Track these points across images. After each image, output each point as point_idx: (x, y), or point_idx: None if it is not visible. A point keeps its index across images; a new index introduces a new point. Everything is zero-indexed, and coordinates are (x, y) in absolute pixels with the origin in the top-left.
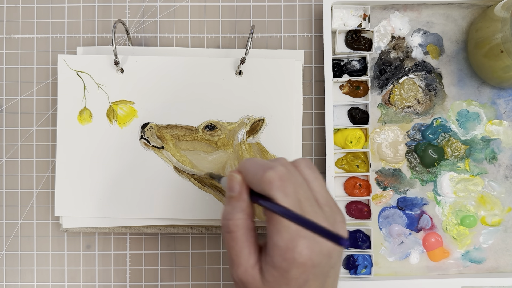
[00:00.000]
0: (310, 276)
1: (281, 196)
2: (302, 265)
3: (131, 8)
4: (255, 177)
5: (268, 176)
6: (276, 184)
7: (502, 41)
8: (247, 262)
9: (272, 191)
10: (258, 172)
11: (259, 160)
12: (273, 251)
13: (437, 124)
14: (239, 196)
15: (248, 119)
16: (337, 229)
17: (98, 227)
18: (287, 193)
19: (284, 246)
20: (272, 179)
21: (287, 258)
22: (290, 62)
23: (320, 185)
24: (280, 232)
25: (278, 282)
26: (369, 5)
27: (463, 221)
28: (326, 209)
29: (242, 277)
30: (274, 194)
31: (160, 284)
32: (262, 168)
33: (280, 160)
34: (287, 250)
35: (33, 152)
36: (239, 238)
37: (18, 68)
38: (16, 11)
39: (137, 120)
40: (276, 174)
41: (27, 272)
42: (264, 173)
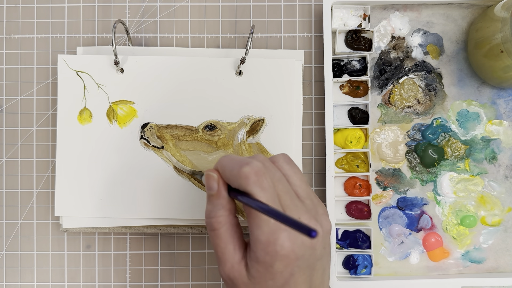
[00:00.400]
0: (295, 269)
1: (258, 190)
2: (285, 257)
3: (131, 8)
4: (231, 173)
5: (244, 171)
6: (252, 179)
7: (502, 41)
8: (232, 258)
9: (248, 186)
10: (235, 168)
11: (235, 156)
12: (255, 246)
13: (437, 124)
14: (218, 194)
15: (248, 119)
16: (320, 220)
17: (98, 227)
18: (263, 188)
19: (265, 240)
20: (248, 174)
21: (269, 251)
22: (290, 62)
23: (299, 179)
24: (260, 227)
25: (263, 277)
26: (369, 5)
27: (463, 221)
28: (307, 202)
29: (229, 274)
30: (251, 189)
31: (160, 284)
32: (238, 164)
33: (257, 156)
34: (269, 244)
35: (33, 152)
36: (222, 234)
37: (18, 68)
38: (16, 11)
39: (137, 120)
40: (252, 169)
41: (27, 272)
42: (240, 169)
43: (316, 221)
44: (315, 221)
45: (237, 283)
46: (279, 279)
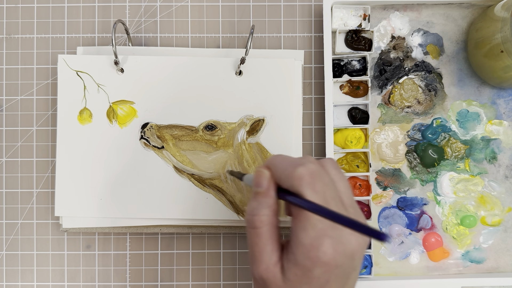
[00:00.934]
0: (332, 276)
1: (310, 193)
2: (325, 264)
3: (131, 8)
4: (284, 173)
5: (299, 172)
6: (306, 181)
7: (502, 41)
8: (269, 259)
9: (301, 187)
10: (288, 168)
11: (287, 156)
12: (297, 249)
13: (437, 124)
14: (266, 192)
15: (248, 119)
16: None
17: (98, 227)
18: (316, 190)
19: (309, 244)
20: (303, 175)
21: (311, 256)
22: (290, 62)
23: (345, 186)
24: (306, 230)
25: (299, 280)
26: (369, 5)
27: (463, 221)
28: (351, 210)
29: (262, 275)
30: (303, 190)
31: (160, 284)
32: (292, 164)
33: (308, 158)
34: (312, 248)
35: (33, 152)
36: (263, 234)
37: (18, 68)
38: (16, 11)
39: (137, 120)
40: (307, 171)
41: (27, 272)
42: (295, 169)
43: None
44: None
45: (269, 284)
46: (315, 284)
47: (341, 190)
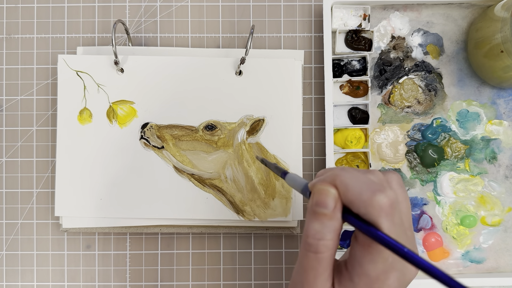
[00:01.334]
0: None
1: (388, 225)
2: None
3: (131, 8)
4: (360, 198)
5: (379, 201)
6: (386, 211)
7: (502, 41)
8: (322, 287)
9: (380, 218)
10: (365, 192)
11: (360, 174)
12: (359, 279)
13: (437, 124)
14: (333, 215)
15: (248, 119)
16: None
17: (98, 227)
18: (395, 223)
19: (375, 277)
20: (384, 205)
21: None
22: (290, 62)
23: (408, 207)
24: (375, 262)
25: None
26: (369, 5)
27: (463, 221)
28: (409, 233)
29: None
30: (381, 222)
31: (160, 284)
32: (370, 189)
33: (393, 178)
34: (377, 281)
35: (33, 152)
36: (324, 260)
37: (18, 68)
38: (16, 11)
39: (137, 120)
40: (388, 200)
41: (27, 272)
42: (374, 196)
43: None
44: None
45: None
46: None
47: (404, 212)
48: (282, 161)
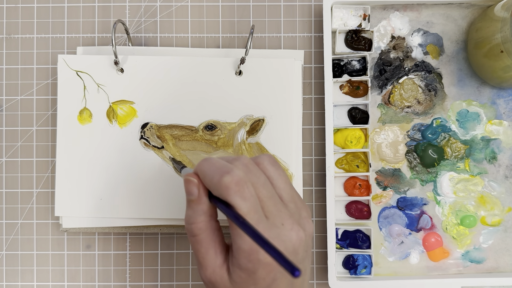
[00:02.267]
0: (278, 275)
1: (239, 201)
2: (267, 265)
3: (131, 8)
4: (212, 181)
5: (225, 181)
6: (233, 189)
7: (502, 41)
8: (214, 263)
9: (229, 196)
10: (215, 176)
11: (216, 161)
12: (238, 254)
13: (437, 124)
14: (199, 199)
15: (248, 119)
16: (303, 224)
17: (98, 227)
18: (245, 197)
19: (248, 249)
20: (229, 184)
21: (252, 259)
22: (290, 62)
23: (284, 181)
24: (243, 236)
25: (245, 282)
26: (369, 5)
27: (463, 221)
28: (291, 205)
29: (210, 278)
30: (232, 199)
31: (160, 284)
32: (219, 172)
33: (241, 159)
34: (252, 252)
35: (33, 152)
36: (203, 240)
37: (18, 68)
38: (16, 11)
39: (137, 120)
40: (233, 179)
41: (27, 272)
42: (221, 178)
43: (299, 226)
44: (298, 226)
45: (218, 286)
46: (261, 284)
47: (280, 187)
48: (282, 161)
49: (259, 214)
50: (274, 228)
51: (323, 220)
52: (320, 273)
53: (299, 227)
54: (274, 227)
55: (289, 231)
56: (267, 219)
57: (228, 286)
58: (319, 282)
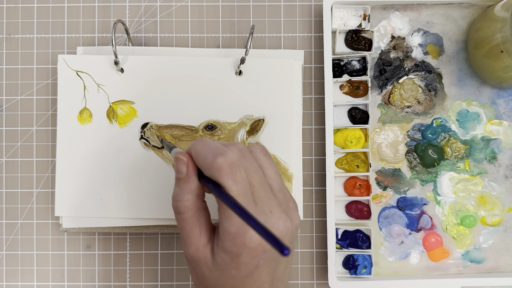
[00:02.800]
0: (261, 261)
1: (230, 183)
2: (252, 250)
3: (131, 8)
4: (205, 161)
5: (218, 162)
6: (225, 171)
7: (502, 41)
8: (198, 241)
9: (221, 178)
10: (208, 157)
11: (210, 142)
12: (223, 236)
13: (437, 124)
14: (187, 178)
15: (248, 119)
16: (290, 215)
17: (98, 227)
18: (236, 180)
19: (234, 232)
20: (222, 165)
21: (237, 243)
22: (290, 62)
23: (274, 171)
24: (230, 218)
25: (228, 265)
26: (369, 5)
27: (463, 221)
28: (279, 195)
29: (194, 255)
30: (223, 181)
31: (160, 284)
32: (213, 153)
33: (236, 145)
34: (237, 236)
35: (33, 152)
36: (189, 218)
37: (18, 68)
38: (16, 11)
39: (137, 120)
40: (226, 161)
41: (27, 272)
42: (214, 159)
43: (286, 216)
44: (285, 216)
45: (201, 265)
46: (243, 270)
47: (271, 176)
48: (282, 161)
49: (248, 199)
50: (262, 214)
51: (323, 220)
52: (320, 273)
53: (286, 216)
54: (262, 214)
55: (277, 219)
56: (256, 205)
57: (210, 266)
58: (319, 282)
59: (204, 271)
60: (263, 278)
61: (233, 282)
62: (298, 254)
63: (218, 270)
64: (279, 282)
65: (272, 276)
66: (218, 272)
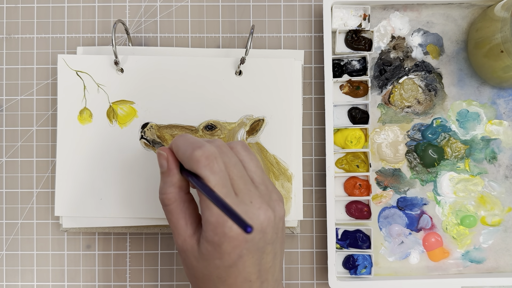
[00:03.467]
0: (244, 251)
1: (208, 174)
2: (233, 239)
3: (131, 8)
4: (184, 155)
5: (196, 154)
6: (203, 163)
7: (502, 41)
8: (185, 232)
9: (199, 169)
10: (187, 150)
11: (190, 137)
12: (205, 226)
13: (437, 124)
14: (169, 172)
15: (248, 119)
16: (273, 206)
17: (98, 227)
18: (214, 171)
19: (215, 221)
20: (200, 157)
21: (218, 232)
22: (290, 62)
23: (255, 165)
24: (210, 208)
25: (211, 255)
26: (369, 5)
27: (463, 221)
28: (261, 187)
29: (182, 246)
30: (201, 172)
31: (160, 284)
32: (191, 147)
33: (215, 141)
34: (218, 225)
35: (33, 152)
36: (174, 210)
37: (18, 68)
38: (16, 11)
39: (137, 120)
40: (204, 153)
41: (27, 272)
42: (193, 152)
43: (268, 206)
44: (267, 206)
45: (189, 255)
46: (227, 259)
47: (252, 170)
48: (282, 161)
49: (227, 189)
50: (242, 204)
51: (323, 220)
52: (320, 273)
53: (267, 206)
54: (242, 204)
55: (257, 209)
56: (236, 195)
57: (197, 256)
58: (319, 282)
59: (192, 261)
60: (249, 269)
61: (218, 272)
62: (298, 254)
63: (203, 260)
64: (267, 273)
65: (258, 267)
66: (204, 262)
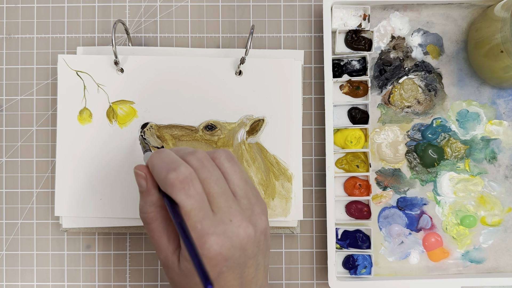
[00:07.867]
0: (224, 268)
1: (183, 198)
2: (211, 259)
3: (131, 8)
4: (159, 176)
5: (170, 178)
6: (177, 187)
7: (502, 41)
8: (167, 248)
9: (174, 193)
10: (162, 172)
11: (166, 155)
12: (183, 245)
13: (437, 124)
14: (148, 192)
15: (248, 119)
16: (254, 220)
17: (98, 227)
18: (190, 195)
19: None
20: (174, 181)
21: None
22: (290, 62)
23: (238, 178)
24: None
25: (191, 272)
26: (369, 5)
27: (463, 221)
28: (243, 201)
29: (164, 261)
30: (176, 196)
31: (160, 284)
32: (166, 168)
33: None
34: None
35: (33, 152)
36: (156, 228)
37: (18, 68)
38: (16, 11)
39: (137, 120)
40: (178, 177)
41: (27, 272)
42: (167, 175)
43: (248, 223)
44: (247, 223)
45: (170, 270)
46: None
47: (234, 183)
48: (282, 161)
49: (204, 211)
50: (221, 224)
51: (323, 220)
52: (320, 273)
53: (248, 223)
54: (221, 223)
55: (237, 227)
56: (215, 215)
57: (178, 272)
58: (319, 282)
59: (173, 276)
60: (230, 283)
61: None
62: (298, 254)
63: (184, 276)
64: (250, 284)
65: (240, 280)
66: (185, 279)
